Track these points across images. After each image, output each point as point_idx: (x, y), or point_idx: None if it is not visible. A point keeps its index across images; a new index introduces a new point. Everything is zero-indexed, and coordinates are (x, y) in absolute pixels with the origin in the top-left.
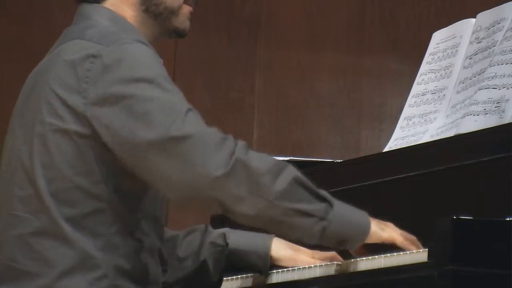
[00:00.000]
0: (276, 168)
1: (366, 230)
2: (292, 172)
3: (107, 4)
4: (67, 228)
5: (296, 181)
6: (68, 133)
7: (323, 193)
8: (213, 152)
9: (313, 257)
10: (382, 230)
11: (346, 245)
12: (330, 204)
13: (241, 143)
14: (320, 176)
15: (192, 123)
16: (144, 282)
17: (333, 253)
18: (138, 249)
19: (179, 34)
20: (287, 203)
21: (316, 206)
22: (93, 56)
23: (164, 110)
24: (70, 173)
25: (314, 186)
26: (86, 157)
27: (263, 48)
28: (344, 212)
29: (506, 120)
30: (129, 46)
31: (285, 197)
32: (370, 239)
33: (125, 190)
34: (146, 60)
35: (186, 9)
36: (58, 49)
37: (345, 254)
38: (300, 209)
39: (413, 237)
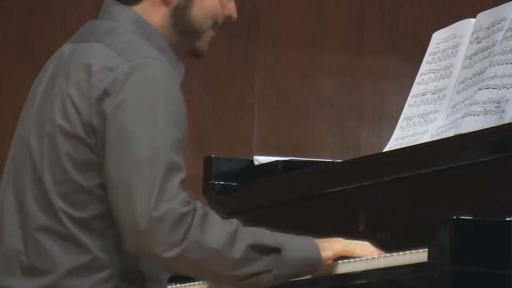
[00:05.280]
0: (229, 240)
1: (316, 263)
2: (245, 239)
3: (136, 9)
4: (74, 229)
5: (249, 247)
6: (76, 137)
7: (272, 240)
8: (170, 233)
9: None
10: (327, 250)
11: (299, 278)
12: (279, 251)
13: (199, 215)
14: (320, 176)
15: (166, 202)
16: (151, 282)
17: None
18: None
19: (196, 55)
20: (240, 271)
21: (266, 261)
22: (110, 69)
23: (148, 174)
24: (79, 177)
25: (262, 238)
26: (93, 161)
27: (263, 48)
28: (292, 254)
29: (506, 120)
30: (147, 69)
31: (238, 267)
32: (322, 265)
33: None
34: (159, 92)
35: (210, 34)
36: (81, 49)
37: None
38: (253, 272)
39: (363, 243)
